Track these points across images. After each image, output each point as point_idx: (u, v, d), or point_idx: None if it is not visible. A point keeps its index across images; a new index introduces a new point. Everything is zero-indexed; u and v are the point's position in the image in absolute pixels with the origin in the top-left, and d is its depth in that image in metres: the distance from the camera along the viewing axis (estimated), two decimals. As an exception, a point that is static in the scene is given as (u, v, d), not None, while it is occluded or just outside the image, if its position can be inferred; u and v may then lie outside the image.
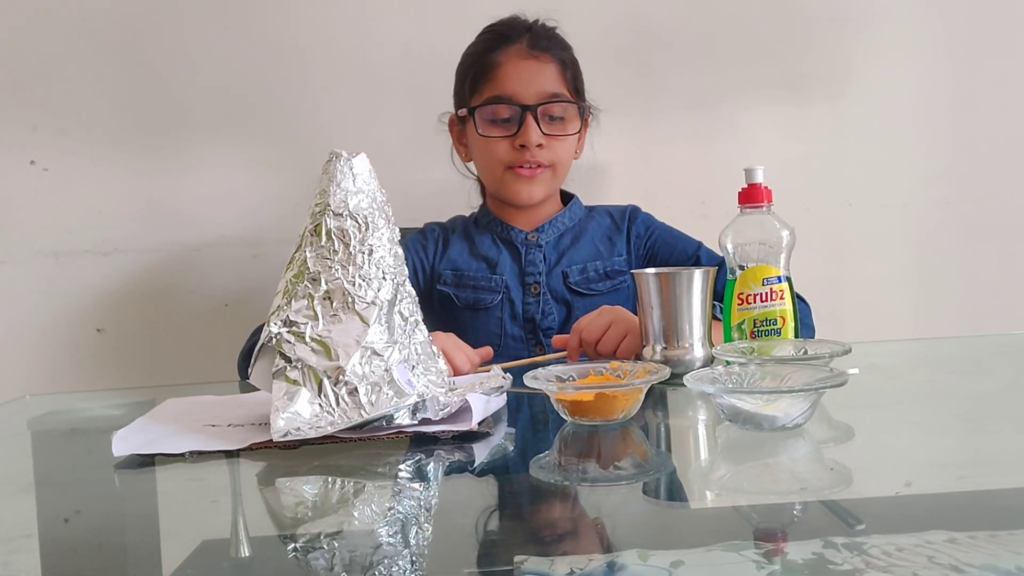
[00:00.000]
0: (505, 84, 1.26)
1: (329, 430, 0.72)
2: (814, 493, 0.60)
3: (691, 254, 1.33)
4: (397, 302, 0.78)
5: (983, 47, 1.65)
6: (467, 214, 1.42)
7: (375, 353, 0.75)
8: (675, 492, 0.62)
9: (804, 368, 0.76)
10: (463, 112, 1.32)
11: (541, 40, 1.28)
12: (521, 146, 1.25)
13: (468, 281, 1.29)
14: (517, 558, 0.47)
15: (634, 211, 1.39)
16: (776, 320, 0.95)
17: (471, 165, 1.40)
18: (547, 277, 1.29)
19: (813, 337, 1.15)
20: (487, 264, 1.31)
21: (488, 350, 1.08)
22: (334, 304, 0.75)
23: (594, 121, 1.39)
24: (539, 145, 1.25)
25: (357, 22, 1.61)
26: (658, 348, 0.94)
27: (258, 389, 0.78)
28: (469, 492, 0.64)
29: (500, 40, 1.28)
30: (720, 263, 1.04)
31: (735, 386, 0.73)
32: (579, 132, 1.32)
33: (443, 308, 1.29)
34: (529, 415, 0.86)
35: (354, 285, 0.76)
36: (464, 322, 1.27)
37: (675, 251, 1.34)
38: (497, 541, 0.53)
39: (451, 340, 1.04)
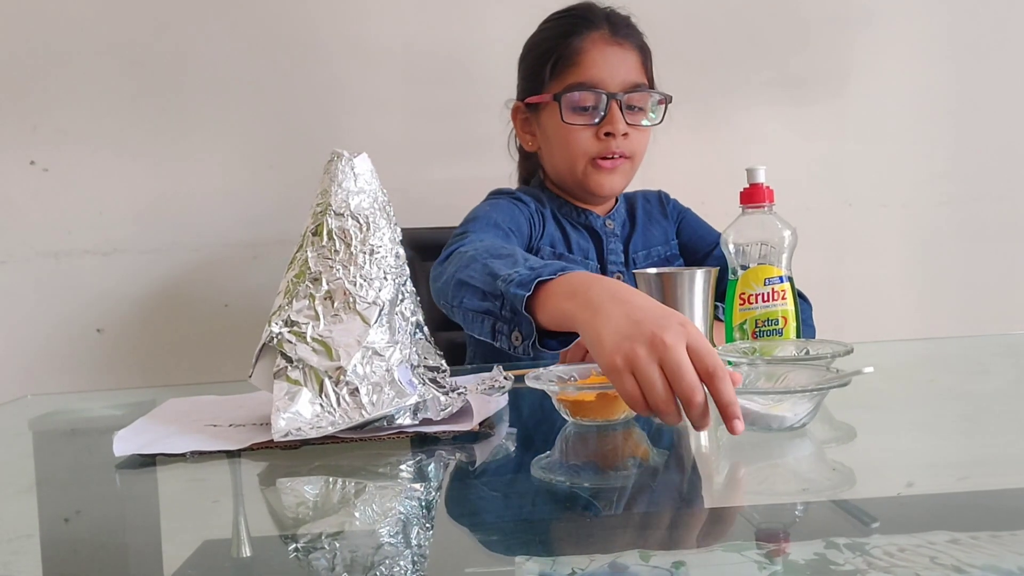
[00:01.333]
0: (591, 70, 1.21)
1: (330, 430, 0.72)
2: (816, 493, 0.60)
3: (711, 242, 1.31)
4: (398, 302, 0.78)
5: (983, 47, 1.65)
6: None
7: (376, 353, 0.75)
8: (677, 492, 0.62)
9: (808, 368, 0.75)
10: (543, 98, 1.25)
11: (621, 27, 1.25)
12: (607, 134, 1.21)
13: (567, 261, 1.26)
14: (518, 558, 0.47)
15: (665, 194, 1.39)
16: (778, 320, 0.95)
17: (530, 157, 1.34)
18: (624, 267, 1.28)
19: (814, 336, 1.15)
20: (580, 249, 1.27)
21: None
22: (335, 304, 0.75)
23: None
24: (625, 134, 1.21)
25: (358, 22, 1.61)
26: (659, 348, 0.93)
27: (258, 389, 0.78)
28: (470, 492, 0.64)
29: (581, 24, 1.24)
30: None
31: (743, 387, 0.71)
32: (661, 121, 1.26)
33: None
34: (530, 415, 0.86)
35: (355, 285, 0.76)
36: None
37: (696, 236, 1.33)
38: (498, 541, 0.53)
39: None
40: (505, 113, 1.35)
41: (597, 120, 1.21)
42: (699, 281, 0.93)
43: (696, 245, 1.32)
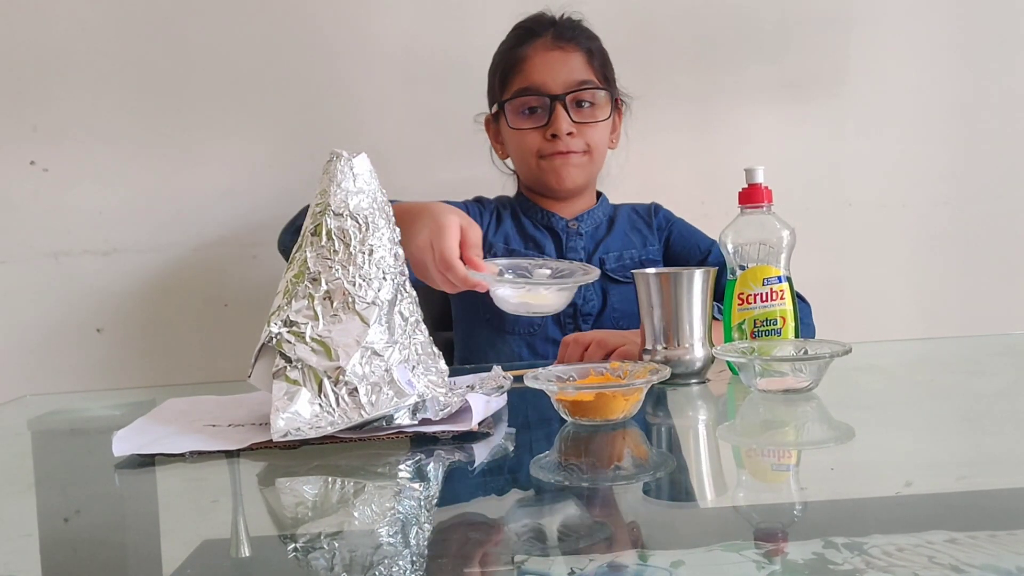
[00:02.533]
0: (532, 75, 1.27)
1: (329, 430, 0.72)
2: (814, 493, 0.60)
3: (703, 249, 1.34)
4: (397, 302, 0.78)
5: (983, 47, 1.65)
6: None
7: (375, 353, 0.75)
8: (675, 492, 0.62)
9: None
10: (495, 108, 1.34)
11: (566, 31, 1.30)
12: (552, 136, 1.26)
13: (519, 258, 1.30)
14: (517, 558, 0.47)
15: (657, 206, 1.42)
16: (776, 320, 0.95)
17: (509, 162, 1.40)
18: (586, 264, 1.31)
19: (813, 336, 1.15)
20: (535, 245, 1.32)
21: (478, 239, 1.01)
22: (334, 304, 0.75)
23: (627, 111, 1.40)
24: (570, 133, 1.26)
25: (357, 22, 1.61)
26: (658, 348, 0.94)
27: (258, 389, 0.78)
28: (469, 492, 0.64)
29: (527, 35, 1.30)
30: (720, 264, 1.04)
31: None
32: (609, 118, 1.32)
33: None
34: (529, 415, 0.86)
35: (354, 285, 0.76)
36: None
37: (688, 244, 1.36)
38: (497, 541, 0.53)
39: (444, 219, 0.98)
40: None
41: (543, 123, 1.27)
42: (697, 281, 0.93)
43: (689, 253, 1.35)
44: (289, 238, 1.18)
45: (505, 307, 0.99)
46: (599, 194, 1.42)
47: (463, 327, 1.35)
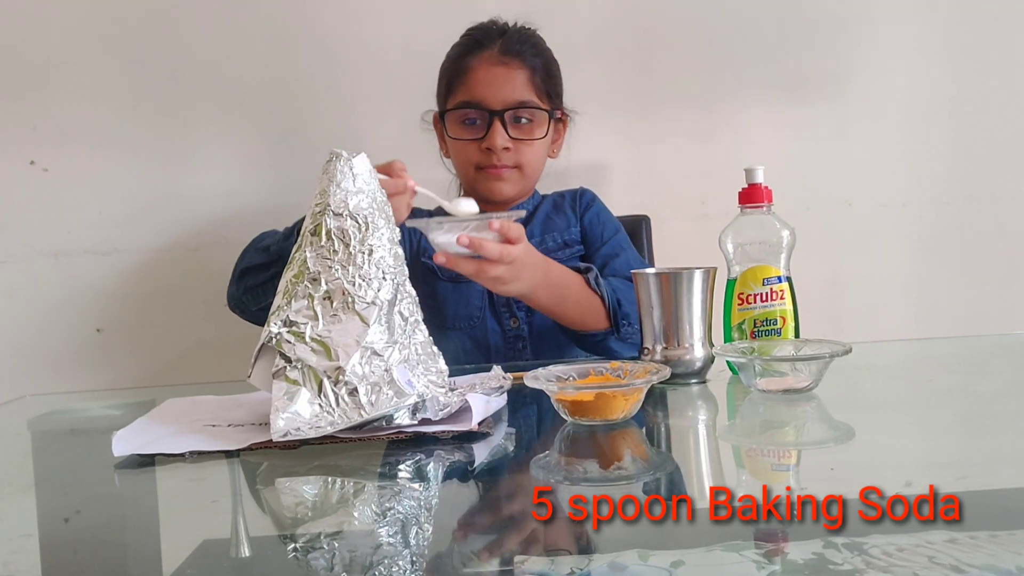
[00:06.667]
0: (475, 90, 1.30)
1: (329, 430, 0.72)
2: (814, 493, 0.59)
3: (604, 239, 1.35)
4: (397, 302, 0.78)
5: (983, 47, 1.65)
6: None
7: (375, 353, 0.75)
8: (675, 492, 0.62)
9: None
10: (437, 114, 1.38)
11: (513, 45, 1.31)
12: (488, 149, 1.29)
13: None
14: (517, 558, 0.47)
15: (584, 190, 1.44)
16: (776, 320, 0.95)
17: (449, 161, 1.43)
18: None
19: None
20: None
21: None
22: (334, 304, 0.75)
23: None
24: (506, 148, 1.29)
25: (357, 22, 1.61)
26: (658, 348, 0.94)
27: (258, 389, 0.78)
28: (469, 492, 0.64)
29: (474, 46, 1.33)
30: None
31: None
32: (546, 136, 1.34)
33: (425, 281, 1.32)
34: (529, 415, 0.86)
35: (354, 285, 0.76)
36: (445, 295, 1.30)
37: (593, 232, 1.37)
38: (497, 541, 0.53)
39: None
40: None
41: (481, 136, 1.30)
42: (697, 281, 0.93)
43: (590, 238, 1.37)
44: (237, 290, 1.22)
45: (451, 249, 1.00)
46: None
47: None
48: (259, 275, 1.17)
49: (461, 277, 1.30)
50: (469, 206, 1.07)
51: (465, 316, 1.29)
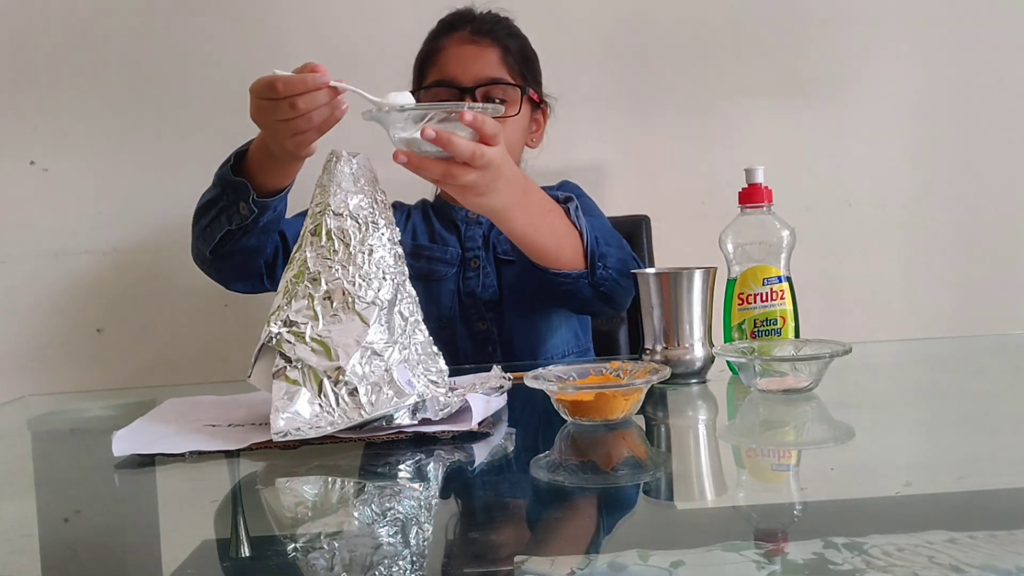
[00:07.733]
0: (446, 68, 1.28)
1: (329, 430, 0.72)
2: (814, 493, 0.60)
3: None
4: (397, 302, 0.78)
5: (983, 47, 1.65)
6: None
7: (375, 353, 0.75)
8: (675, 492, 0.62)
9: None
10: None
11: (484, 25, 1.31)
12: None
13: (423, 251, 1.31)
14: (517, 558, 0.47)
15: (565, 183, 1.41)
16: (776, 320, 0.95)
17: None
18: (484, 252, 1.31)
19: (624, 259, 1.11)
20: (441, 240, 1.33)
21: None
22: (334, 304, 0.75)
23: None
24: None
25: (357, 21, 1.61)
26: (658, 348, 0.94)
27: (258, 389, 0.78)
28: (469, 492, 0.64)
29: (446, 28, 1.32)
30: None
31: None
32: (519, 113, 1.28)
33: None
34: (529, 415, 0.86)
35: (354, 285, 0.76)
36: (417, 293, 1.28)
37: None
38: (497, 541, 0.53)
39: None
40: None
41: None
42: (697, 281, 0.93)
43: None
44: (193, 237, 1.12)
45: (415, 147, 0.85)
46: None
47: None
48: (208, 214, 1.06)
49: (433, 275, 1.30)
50: (406, 100, 0.88)
51: (435, 317, 1.25)
